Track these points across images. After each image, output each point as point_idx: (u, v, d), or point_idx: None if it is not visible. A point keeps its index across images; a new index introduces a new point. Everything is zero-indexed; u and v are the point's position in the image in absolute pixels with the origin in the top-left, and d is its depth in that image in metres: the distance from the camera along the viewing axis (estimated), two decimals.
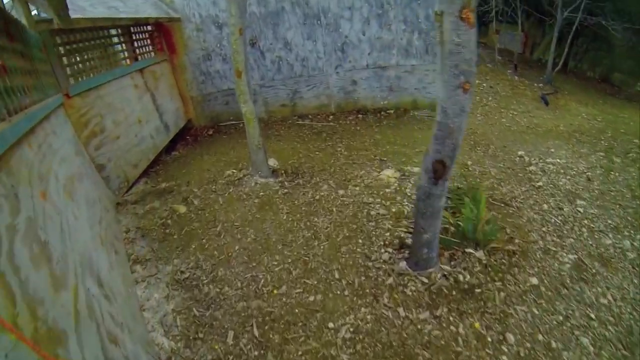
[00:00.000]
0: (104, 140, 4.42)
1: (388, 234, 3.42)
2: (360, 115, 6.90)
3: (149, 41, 5.79)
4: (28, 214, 1.67)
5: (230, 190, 4.34)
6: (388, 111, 6.92)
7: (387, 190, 4.21)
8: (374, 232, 3.44)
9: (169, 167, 5.64)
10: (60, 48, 3.95)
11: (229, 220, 3.78)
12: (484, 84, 9.55)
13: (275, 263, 3.17)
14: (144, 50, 5.61)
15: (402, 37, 6.26)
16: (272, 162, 4.87)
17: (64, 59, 3.99)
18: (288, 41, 6.35)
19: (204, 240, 3.52)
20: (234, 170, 4.92)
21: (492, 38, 13.05)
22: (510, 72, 10.72)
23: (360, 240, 3.35)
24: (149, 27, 5.79)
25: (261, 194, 4.21)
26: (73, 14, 3.53)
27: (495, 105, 7.78)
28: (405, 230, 3.42)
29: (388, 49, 6.36)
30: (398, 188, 4.22)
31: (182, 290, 3.09)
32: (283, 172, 4.71)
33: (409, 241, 3.19)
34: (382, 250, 3.22)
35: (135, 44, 5.39)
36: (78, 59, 4.18)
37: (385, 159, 5.06)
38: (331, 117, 6.93)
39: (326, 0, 6.10)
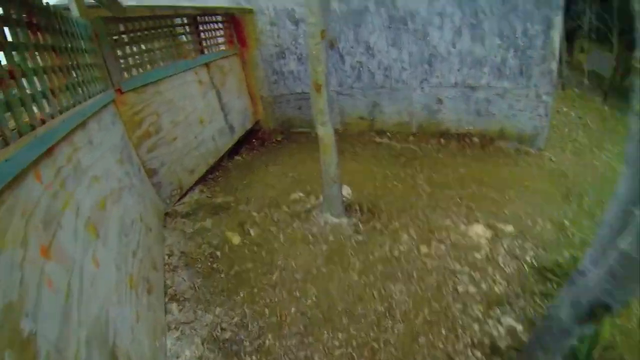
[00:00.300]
0: (158, 142, 3.86)
1: (477, 326, 2.48)
2: (442, 140, 5.86)
3: (217, 33, 5.20)
4: (5, 300, 1.00)
5: (295, 225, 3.58)
6: (473, 138, 5.83)
7: (476, 255, 3.23)
8: (460, 321, 2.52)
9: (229, 175, 5.04)
10: (115, 38, 3.40)
11: (288, 268, 3.02)
12: (572, 113, 7.97)
13: (337, 344, 2.35)
14: (212, 42, 5.04)
15: (495, 54, 5.14)
16: (346, 191, 4.03)
17: (118, 51, 3.45)
18: (370, 46, 5.53)
19: (255, 290, 2.79)
20: (301, 194, 4.17)
21: (580, 58, 11.09)
22: (600, 101, 8.94)
23: (443, 331, 2.45)
24: (218, 18, 5.20)
25: (331, 238, 3.41)
26: (129, 1, 2.94)
27: (586, 142, 6.31)
28: (499, 325, 2.46)
29: (479, 67, 5.28)
30: (489, 254, 3.23)
31: (219, 355, 2.36)
32: (357, 207, 3.87)
33: (501, 345, 2.25)
34: (469, 353, 2.28)
35: (202, 36, 4.81)
36: (135, 50, 3.63)
37: (472, 205, 4.05)
38: (412, 137, 5.98)
39: (415, 2, 5.16)
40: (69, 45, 2.54)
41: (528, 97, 5.16)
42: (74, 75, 2.52)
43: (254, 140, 6.30)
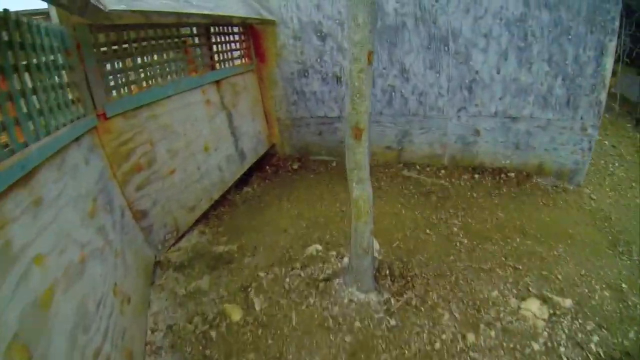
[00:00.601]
0: (151, 176, 3.15)
1: None
2: (476, 175, 5.05)
3: (232, 46, 4.47)
4: None
5: (311, 300, 2.81)
6: (509, 174, 5.01)
7: (534, 345, 2.46)
8: None
9: (236, 212, 4.30)
10: (103, 50, 2.70)
11: None
12: (606, 142, 7.10)
13: None
14: (225, 56, 4.31)
15: (542, 82, 4.44)
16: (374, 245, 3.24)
17: (106, 66, 2.73)
18: (406, 68, 4.79)
19: None
20: (319, 247, 3.40)
21: (610, 82, 10.08)
22: (631, 127, 8.04)
23: None
24: (234, 29, 4.47)
25: (357, 325, 2.63)
26: (117, 5, 2.22)
27: (623, 176, 5.46)
28: None
29: (524, 95, 4.56)
30: (549, 342, 2.46)
31: None
32: (387, 271, 3.10)
33: None
34: None
35: (215, 49, 4.08)
36: (127, 65, 2.91)
37: (519, 266, 3.27)
38: (442, 171, 5.19)
39: (458, 20, 4.44)
40: (27, 61, 1.82)
41: (572, 130, 4.52)
42: (29, 103, 1.79)
43: (267, 167, 5.56)
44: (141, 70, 3.10)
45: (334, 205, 4.36)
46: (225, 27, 4.34)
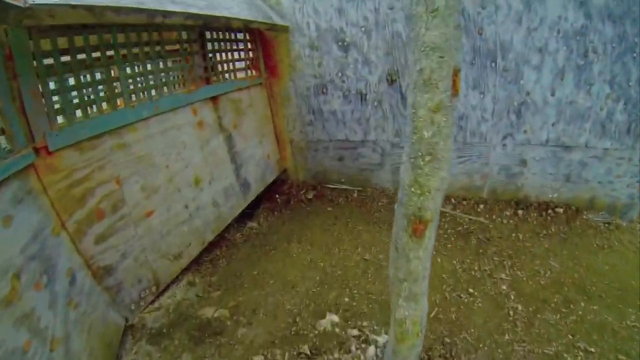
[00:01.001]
0: (118, 223, 2.45)
1: None
2: (520, 211, 4.21)
3: (235, 55, 3.75)
4: None
5: None
6: (556, 209, 4.20)
7: None
8: None
9: (234, 256, 3.58)
10: (46, 62, 1.98)
11: None
12: None
13: None
14: (225, 68, 3.57)
15: (602, 106, 3.69)
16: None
17: (49, 83, 2.02)
18: None
19: None
20: (335, 319, 2.63)
21: None
22: None
23: None
24: (237, 35, 3.75)
25: None
26: None
27: None
28: None
29: (580, 121, 3.80)
30: None
31: None
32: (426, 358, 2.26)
33: None
34: None
35: (211, 59, 3.35)
36: (81, 80, 2.20)
37: (592, 348, 2.43)
38: (481, 206, 4.35)
39: (509, 32, 3.66)
40: None
41: (631, 161, 3.81)
42: None
43: (277, 197, 4.79)
44: (103, 86, 2.38)
45: (354, 252, 3.57)
46: (225, 33, 3.62)
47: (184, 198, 3.11)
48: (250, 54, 4.10)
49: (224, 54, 3.64)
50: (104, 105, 2.41)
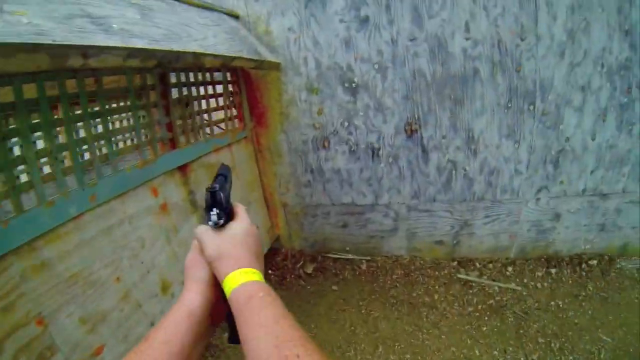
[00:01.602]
0: None
1: None
2: (552, 270, 3.58)
3: (211, 103, 2.81)
4: None
5: None
6: (589, 262, 3.65)
7: None
8: None
9: None
10: None
11: None
12: None
13: None
14: (197, 122, 2.63)
15: None
16: None
17: None
18: (474, 136, 3.21)
19: None
20: None
21: None
22: None
23: None
24: (213, 76, 2.83)
25: None
26: None
27: None
28: None
29: (618, 166, 3.27)
30: None
31: None
32: None
33: None
34: None
35: (173, 112, 2.41)
36: None
37: None
38: (510, 269, 3.65)
39: (549, 68, 2.97)
40: None
41: None
42: None
43: (269, 272, 3.83)
44: None
45: (374, 353, 2.72)
46: (197, 74, 2.67)
47: (148, 315, 2.13)
48: (231, 100, 3.17)
49: (195, 104, 2.68)
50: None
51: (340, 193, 3.55)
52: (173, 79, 2.45)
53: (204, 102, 2.77)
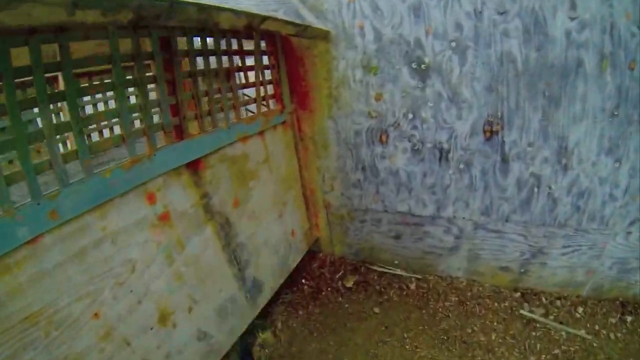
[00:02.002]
0: None
1: None
2: (628, 318, 2.84)
3: (237, 80, 2.18)
4: None
5: None
6: None
7: None
8: None
9: None
10: None
11: None
12: None
13: None
14: (213, 104, 2.02)
15: None
16: None
17: None
18: (567, 146, 2.40)
19: None
20: None
21: None
22: None
23: None
24: (242, 44, 2.18)
25: None
26: None
27: None
28: None
29: None
30: None
31: None
32: None
33: None
34: None
35: (180, 90, 1.79)
36: None
37: None
38: (580, 310, 2.95)
39: None
40: None
41: None
42: None
43: (303, 280, 3.28)
44: None
45: None
46: (218, 40, 2.04)
47: (137, 352, 1.64)
48: (266, 75, 2.52)
49: (215, 79, 2.07)
50: None
51: (396, 199, 2.85)
52: (183, 46, 1.83)
53: (228, 76, 2.14)
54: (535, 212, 2.62)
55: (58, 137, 1.40)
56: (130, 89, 2.67)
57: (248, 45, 2.25)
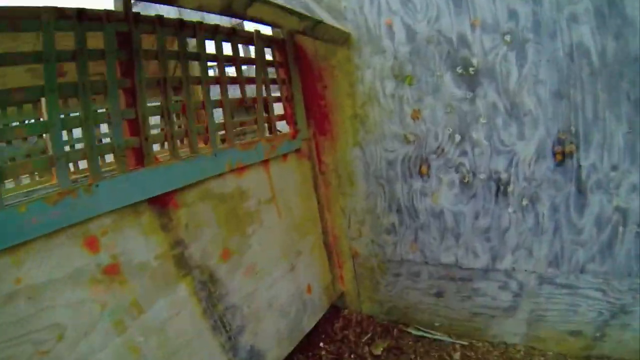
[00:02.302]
0: None
1: None
2: None
3: (227, 92, 1.72)
4: None
5: None
6: None
7: None
8: None
9: None
10: None
11: None
12: None
13: None
14: (193, 122, 1.56)
15: None
16: None
17: None
18: None
19: None
20: None
21: None
22: None
23: None
24: (237, 49, 1.72)
25: None
26: None
27: None
28: None
29: None
30: None
31: None
32: None
33: None
34: None
35: (142, 100, 1.34)
36: None
37: None
38: None
39: None
40: None
41: None
42: None
43: (321, 345, 2.64)
44: None
45: None
46: (200, 39, 1.59)
47: None
48: (273, 90, 2.05)
49: (194, 91, 1.62)
50: None
51: (440, 247, 2.20)
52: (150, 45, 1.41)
53: (217, 87, 1.69)
54: (619, 258, 1.88)
55: None
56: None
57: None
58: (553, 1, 1.63)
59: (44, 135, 2.21)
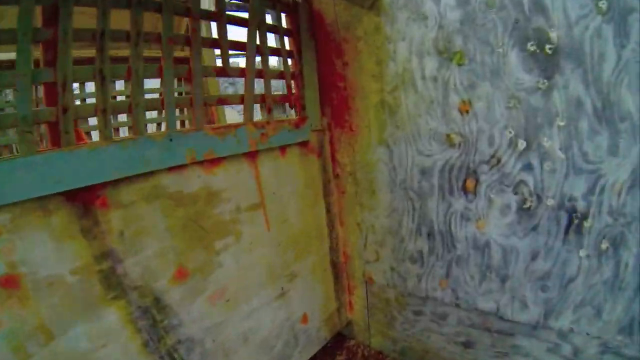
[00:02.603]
0: None
1: None
2: None
3: (200, 57, 1.65)
4: None
5: None
6: None
7: None
8: None
9: None
10: None
11: None
12: None
13: None
14: (140, 93, 1.23)
15: None
16: None
17: None
18: None
19: None
20: None
21: None
22: None
23: None
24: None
25: None
26: None
27: None
28: None
29: None
30: None
31: None
32: None
33: None
34: None
35: (59, 63, 0.97)
36: None
37: None
38: None
39: None
40: None
41: None
42: None
43: None
44: None
45: None
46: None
47: None
48: (284, 65, 1.61)
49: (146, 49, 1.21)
50: None
51: (478, 289, 1.65)
52: None
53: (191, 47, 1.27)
54: None
55: None
56: None
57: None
58: None
59: None
